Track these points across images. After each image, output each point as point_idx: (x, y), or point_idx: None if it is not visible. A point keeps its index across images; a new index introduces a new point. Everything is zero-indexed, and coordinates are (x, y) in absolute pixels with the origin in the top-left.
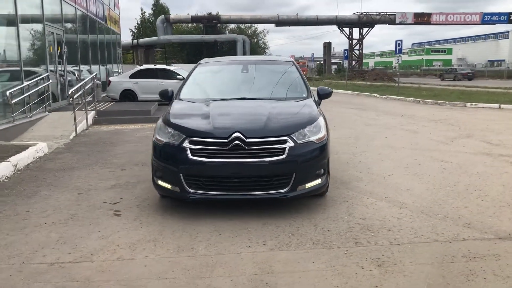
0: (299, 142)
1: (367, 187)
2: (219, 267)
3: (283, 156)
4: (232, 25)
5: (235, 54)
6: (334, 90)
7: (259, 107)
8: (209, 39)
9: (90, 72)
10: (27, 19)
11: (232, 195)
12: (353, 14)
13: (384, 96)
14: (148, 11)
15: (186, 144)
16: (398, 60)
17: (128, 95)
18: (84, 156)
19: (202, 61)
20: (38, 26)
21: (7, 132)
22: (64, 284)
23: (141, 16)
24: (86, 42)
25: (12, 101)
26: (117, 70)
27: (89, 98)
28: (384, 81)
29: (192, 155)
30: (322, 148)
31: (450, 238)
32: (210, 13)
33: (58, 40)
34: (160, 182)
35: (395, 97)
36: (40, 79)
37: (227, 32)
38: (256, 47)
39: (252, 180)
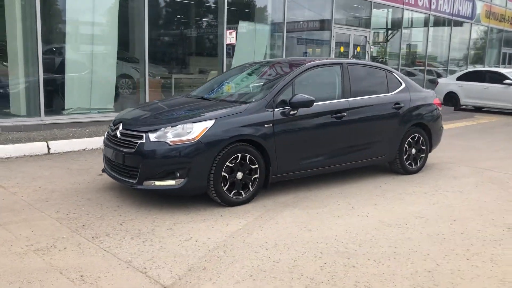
0: (152, 140)
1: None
2: None
3: (133, 150)
4: None
5: None
6: None
7: (180, 105)
8: None
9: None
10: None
11: (112, 175)
12: None
13: None
14: None
15: (108, 129)
16: None
17: (451, 99)
18: None
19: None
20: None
21: None
22: None
23: None
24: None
25: None
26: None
27: None
28: None
29: (105, 138)
30: (178, 150)
31: None
32: None
33: (359, 41)
34: None
35: None
36: None
37: None
38: None
39: (120, 166)
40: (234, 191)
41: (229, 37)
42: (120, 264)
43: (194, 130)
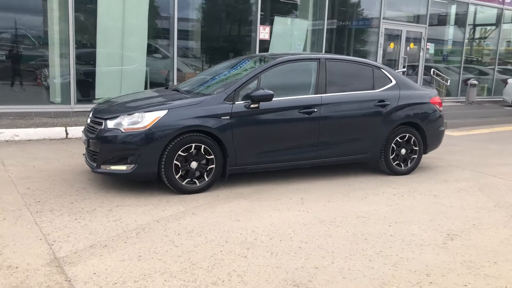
0: (109, 126)
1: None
2: None
3: (94, 136)
4: None
5: None
6: None
7: (152, 96)
8: None
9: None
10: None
11: (86, 160)
12: None
13: None
14: None
15: None
16: None
17: None
18: None
19: None
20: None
21: None
22: None
23: None
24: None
25: None
26: None
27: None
28: None
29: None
30: (130, 137)
31: None
32: None
33: (412, 37)
34: None
35: None
36: None
37: None
38: None
39: (88, 151)
40: (187, 180)
41: (263, 33)
42: (37, 236)
43: (146, 119)
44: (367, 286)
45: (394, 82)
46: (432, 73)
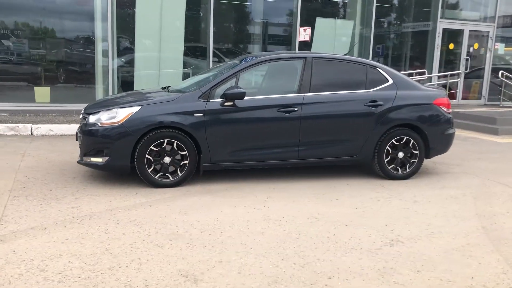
0: (90, 121)
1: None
2: None
3: (79, 130)
4: None
5: None
6: None
7: (140, 93)
8: None
9: None
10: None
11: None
12: None
13: None
14: None
15: None
16: None
17: None
18: None
19: None
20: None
21: None
22: None
23: None
24: None
25: None
26: None
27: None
28: None
29: None
30: (105, 131)
31: None
32: None
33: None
34: None
35: None
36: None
37: None
38: None
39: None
40: (160, 174)
41: (303, 34)
42: None
43: (120, 114)
44: (255, 282)
45: (390, 81)
46: (500, 75)
